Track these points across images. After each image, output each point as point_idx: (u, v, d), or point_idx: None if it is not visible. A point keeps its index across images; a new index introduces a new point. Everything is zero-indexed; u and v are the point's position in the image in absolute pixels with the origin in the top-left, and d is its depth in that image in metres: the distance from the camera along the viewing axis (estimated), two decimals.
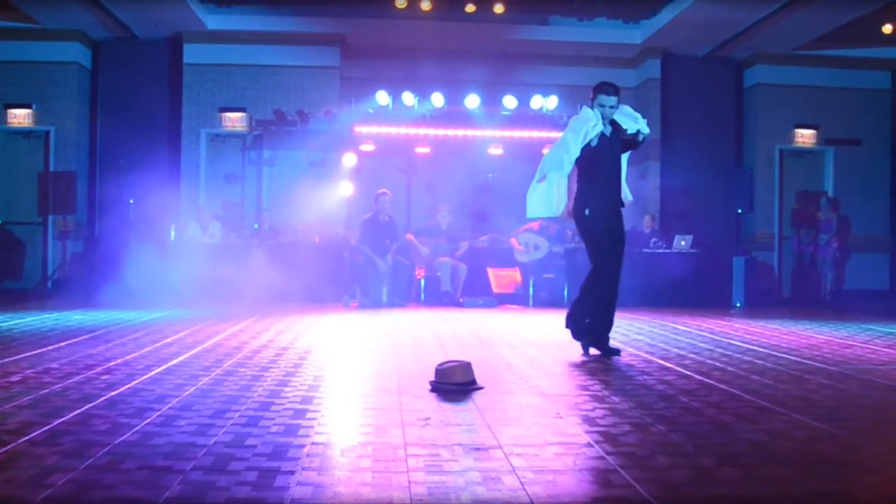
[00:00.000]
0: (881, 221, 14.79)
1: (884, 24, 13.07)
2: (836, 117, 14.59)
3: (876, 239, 14.65)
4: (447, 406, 4.26)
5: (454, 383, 4.64)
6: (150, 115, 13.62)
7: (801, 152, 14.80)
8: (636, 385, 4.95)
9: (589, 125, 6.08)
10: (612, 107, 6.12)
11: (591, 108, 6.15)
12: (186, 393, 4.41)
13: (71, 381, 4.72)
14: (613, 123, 6.21)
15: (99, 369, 5.17)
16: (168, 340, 6.74)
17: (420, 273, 12.09)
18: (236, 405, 4.10)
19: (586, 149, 6.09)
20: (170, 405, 4.06)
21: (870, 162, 14.74)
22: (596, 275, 6.16)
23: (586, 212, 6.11)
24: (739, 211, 13.08)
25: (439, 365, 4.78)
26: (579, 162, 6.16)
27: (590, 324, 6.19)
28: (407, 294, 11.82)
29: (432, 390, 4.63)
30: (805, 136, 14.64)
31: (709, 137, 14.09)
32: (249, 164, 13.91)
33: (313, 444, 3.36)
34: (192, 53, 13.71)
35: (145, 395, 4.32)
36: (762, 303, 12.52)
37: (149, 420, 3.72)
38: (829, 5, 11.85)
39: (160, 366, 5.34)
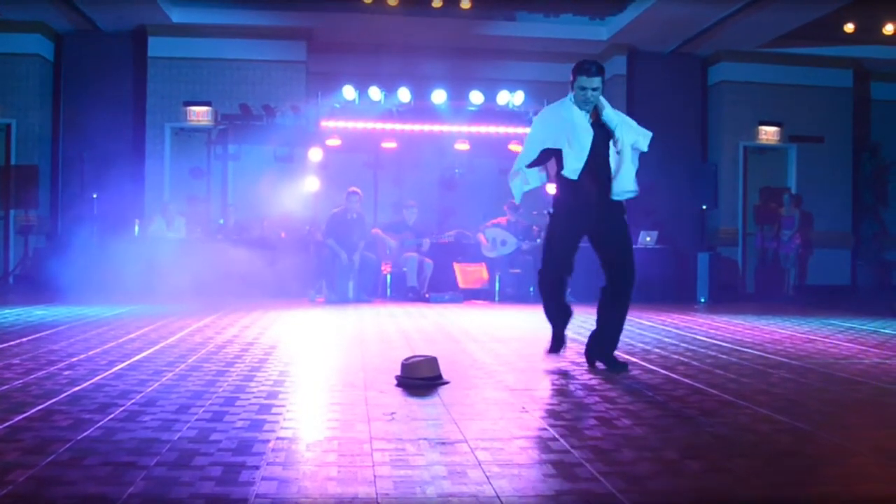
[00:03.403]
0: (843, 217, 15.00)
1: (846, 22, 13.26)
2: (799, 115, 14.77)
3: (837, 235, 14.85)
4: (413, 401, 4.26)
5: (420, 378, 4.64)
6: (114, 108, 13.44)
7: (765, 149, 14.97)
8: (601, 380, 4.98)
9: (570, 120, 5.30)
10: (594, 89, 5.22)
11: (571, 92, 5.32)
12: (150, 388, 4.37)
13: (32, 376, 4.66)
14: (598, 110, 5.32)
15: (61, 365, 5.10)
16: (131, 336, 6.67)
17: (386, 268, 12.07)
18: (200, 400, 4.07)
19: (573, 134, 5.29)
20: (133, 401, 4.02)
21: (832, 159, 14.94)
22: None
23: (550, 210, 5.49)
24: (704, 207, 13.19)
25: (405, 360, 4.78)
26: (556, 155, 5.38)
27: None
28: (373, 289, 11.80)
29: (398, 385, 4.63)
30: (768, 133, 14.80)
31: (674, 134, 14.15)
32: (215, 159, 13.80)
33: (278, 438, 3.35)
34: (157, 47, 13.56)
35: (108, 391, 4.27)
36: (726, 298, 12.64)
37: (112, 416, 3.68)
38: (792, 4, 11.98)
39: (123, 361, 5.28)
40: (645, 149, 5.33)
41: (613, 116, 5.32)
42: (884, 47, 14.22)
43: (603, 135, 5.31)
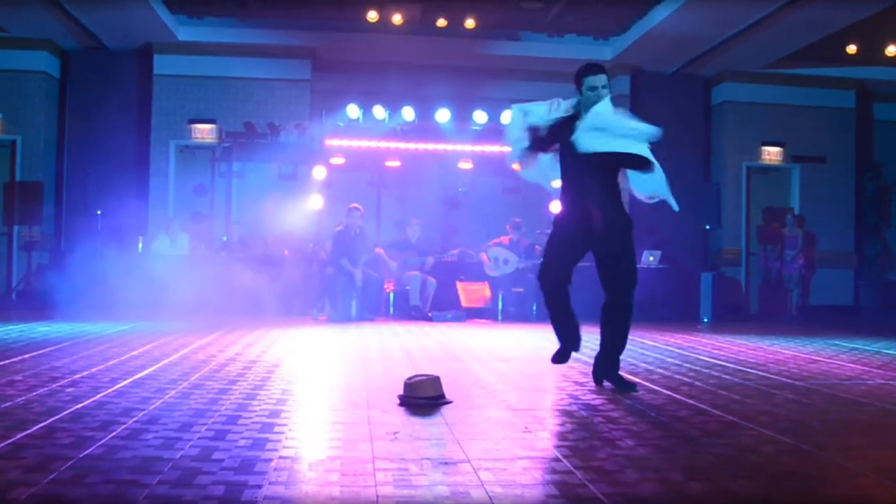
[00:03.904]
0: (845, 238, 14.99)
1: (848, 44, 13.31)
2: (802, 135, 14.80)
3: (840, 255, 14.84)
4: (416, 420, 4.25)
5: (423, 397, 4.63)
6: (119, 125, 13.51)
7: (768, 169, 14.99)
8: (605, 400, 4.96)
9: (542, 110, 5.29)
10: (603, 86, 5.13)
11: (579, 97, 5.22)
12: (153, 406, 4.36)
13: (35, 393, 4.66)
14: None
15: (63, 382, 5.10)
16: (134, 353, 6.67)
17: (389, 287, 12.07)
18: (203, 418, 4.06)
19: (561, 144, 5.23)
20: (135, 418, 4.02)
21: (834, 179, 14.95)
22: None
23: (554, 217, 5.43)
24: (707, 227, 13.19)
25: (408, 379, 4.77)
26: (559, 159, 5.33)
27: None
28: (376, 308, 11.79)
29: (401, 404, 4.62)
30: (771, 153, 14.82)
31: (677, 154, 14.10)
32: (219, 177, 13.84)
33: (281, 457, 3.34)
34: (163, 64, 13.63)
35: (111, 408, 4.26)
36: (729, 318, 12.62)
37: (114, 433, 3.67)
38: (795, 26, 12.02)
39: (126, 378, 5.28)
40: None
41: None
42: (886, 68, 14.26)
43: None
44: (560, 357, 5.49)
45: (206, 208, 13.79)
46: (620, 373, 5.40)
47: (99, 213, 12.29)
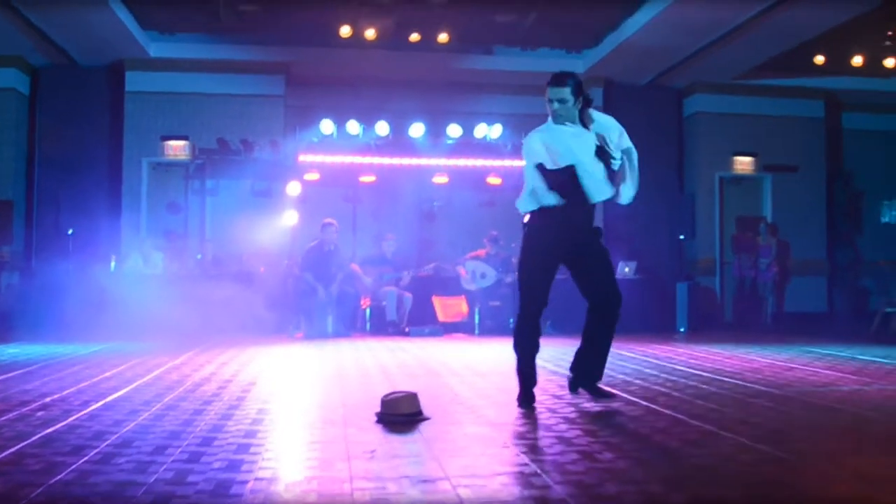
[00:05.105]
0: (818, 245, 15.11)
1: (816, 55, 13.46)
2: (773, 145, 14.92)
3: (813, 263, 14.95)
4: (394, 438, 4.21)
5: (400, 414, 4.59)
6: (91, 143, 13.38)
7: (740, 179, 15.09)
8: (582, 413, 4.95)
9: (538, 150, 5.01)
10: (560, 100, 4.98)
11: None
12: (125, 429, 4.29)
13: (3, 418, 4.57)
14: (587, 125, 5.14)
15: (34, 405, 5.01)
16: (107, 374, 6.58)
17: (365, 303, 12.02)
18: (177, 441, 4.00)
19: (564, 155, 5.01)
20: (108, 442, 3.95)
21: (806, 188, 15.08)
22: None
23: (525, 232, 5.22)
24: (682, 237, 13.24)
25: (385, 396, 4.73)
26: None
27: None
28: (352, 324, 11.73)
29: (378, 422, 4.58)
30: (743, 163, 14.93)
31: (651, 164, 14.04)
32: (192, 194, 13.74)
33: (257, 479, 3.29)
34: (135, 81, 13.53)
35: (82, 432, 4.19)
36: (705, 327, 12.67)
37: (86, 458, 3.60)
38: (764, 36, 12.14)
39: (98, 401, 5.20)
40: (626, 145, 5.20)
41: (614, 139, 5.14)
42: (853, 78, 14.43)
43: (588, 150, 5.05)
44: (527, 399, 5.16)
45: (180, 226, 13.67)
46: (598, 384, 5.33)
47: (70, 231, 12.15)
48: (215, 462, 3.56)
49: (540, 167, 5.03)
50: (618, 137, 5.17)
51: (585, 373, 5.30)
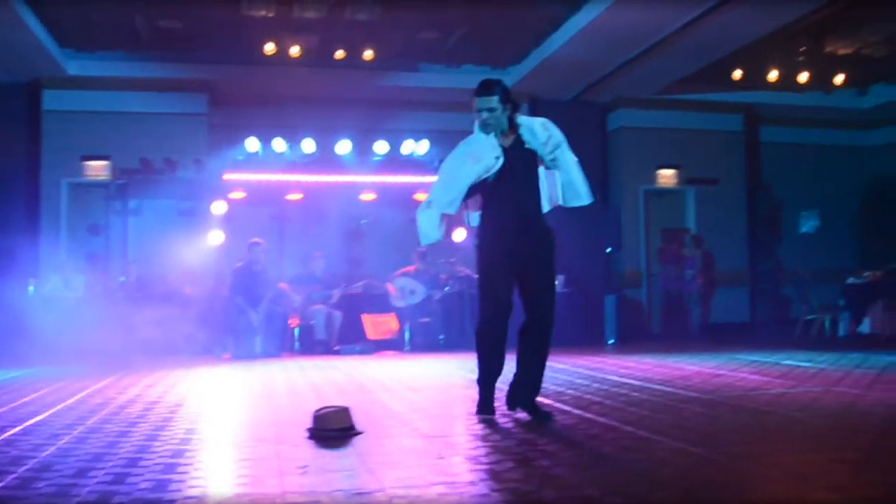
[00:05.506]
0: (739, 256, 15.43)
1: (734, 69, 13.81)
2: (695, 158, 15.20)
3: (735, 273, 15.26)
4: (326, 453, 4.13)
5: (333, 429, 4.51)
6: (7, 163, 12.92)
7: (663, 192, 15.34)
8: (516, 423, 4.93)
9: (478, 151, 4.99)
10: (489, 109, 4.95)
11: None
12: (45, 453, 4.12)
13: None
14: (514, 130, 5.08)
15: None
16: (25, 400, 6.33)
17: (293, 322, 11.85)
18: (101, 463, 3.85)
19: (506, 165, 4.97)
20: (27, 467, 3.79)
21: (727, 199, 15.39)
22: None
23: (476, 241, 5.14)
24: (609, 250, 13.39)
25: (316, 411, 4.65)
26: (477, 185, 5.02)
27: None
28: (281, 344, 11.54)
29: (310, 437, 4.49)
30: (666, 177, 15.19)
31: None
32: (114, 215, 13.36)
33: (186, 498, 3.18)
34: (52, 100, 13.16)
35: None
36: (633, 339, 12.82)
37: (2, 484, 3.44)
38: (684, 51, 12.40)
39: (16, 426, 4.99)
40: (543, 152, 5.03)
41: (539, 134, 5.04)
42: (770, 93, 14.84)
43: (520, 159, 5.01)
44: (486, 406, 5.09)
45: (102, 248, 13.30)
46: (537, 399, 5.13)
47: None
48: (142, 482, 3.44)
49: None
50: (545, 136, 5.07)
51: (522, 394, 5.09)
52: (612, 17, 11.00)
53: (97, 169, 13.18)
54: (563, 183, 5.16)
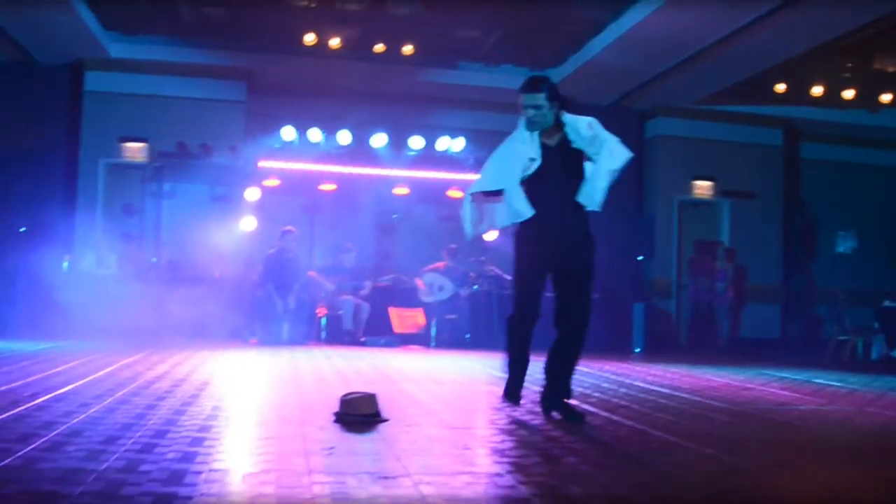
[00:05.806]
0: (773, 272, 15.27)
1: (777, 83, 13.66)
2: (732, 170, 15.05)
3: (769, 289, 15.10)
4: (353, 436, 4.12)
5: (359, 414, 4.51)
6: (47, 142, 13.05)
7: (698, 203, 15.22)
8: (543, 419, 4.90)
9: (518, 150, 4.96)
10: (535, 107, 4.87)
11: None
12: (75, 420, 4.15)
13: None
14: (560, 128, 5.00)
15: None
16: (57, 370, 6.39)
17: (321, 311, 11.88)
18: (129, 432, 3.87)
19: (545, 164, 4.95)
20: (57, 431, 3.81)
21: (763, 214, 15.24)
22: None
23: (514, 239, 5.09)
24: (640, 258, 13.30)
25: (344, 395, 4.64)
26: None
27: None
28: (307, 332, 11.59)
29: (336, 421, 4.48)
30: (702, 188, 15.06)
31: (611, 185, 14.31)
32: (149, 197, 13.48)
33: (212, 470, 3.18)
34: (94, 81, 13.28)
35: (30, 422, 4.04)
36: (660, 349, 12.71)
37: (33, 446, 3.46)
38: (727, 62, 12.28)
39: (47, 394, 5.03)
40: (617, 167, 4.96)
41: (584, 133, 4.94)
42: (812, 108, 14.65)
43: (564, 158, 4.95)
44: (513, 392, 5.12)
45: (136, 228, 13.41)
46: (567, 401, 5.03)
47: (23, 230, 11.87)
48: (169, 453, 3.45)
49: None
50: (591, 135, 4.99)
51: (555, 397, 5.00)
52: (655, 24, 10.92)
53: (135, 151, 13.28)
54: (587, 179, 4.97)
